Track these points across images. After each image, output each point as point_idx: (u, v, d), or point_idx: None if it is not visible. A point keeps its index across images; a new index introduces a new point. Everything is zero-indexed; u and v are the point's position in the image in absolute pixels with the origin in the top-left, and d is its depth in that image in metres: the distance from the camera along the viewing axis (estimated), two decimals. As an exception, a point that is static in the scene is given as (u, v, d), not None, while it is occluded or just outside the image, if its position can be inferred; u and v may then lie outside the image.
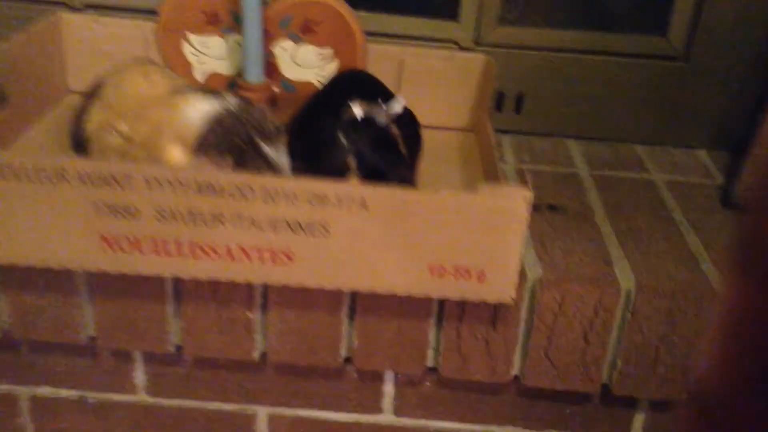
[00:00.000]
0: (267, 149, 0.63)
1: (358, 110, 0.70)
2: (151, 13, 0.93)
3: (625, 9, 0.99)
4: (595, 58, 0.96)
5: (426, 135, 0.81)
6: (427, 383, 0.76)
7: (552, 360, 0.70)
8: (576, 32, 0.97)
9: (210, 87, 0.83)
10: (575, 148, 0.96)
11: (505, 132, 0.96)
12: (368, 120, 0.70)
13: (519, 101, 0.98)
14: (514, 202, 0.59)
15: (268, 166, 0.64)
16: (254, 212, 0.59)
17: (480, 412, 0.77)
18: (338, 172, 0.67)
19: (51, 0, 0.97)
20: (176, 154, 0.62)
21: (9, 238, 0.61)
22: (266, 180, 0.59)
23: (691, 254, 0.73)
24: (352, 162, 0.68)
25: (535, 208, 0.69)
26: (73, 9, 0.96)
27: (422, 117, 0.81)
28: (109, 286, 0.69)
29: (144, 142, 0.64)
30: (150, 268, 0.62)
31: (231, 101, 0.65)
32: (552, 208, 0.79)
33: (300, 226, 0.60)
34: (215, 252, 0.61)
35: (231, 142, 0.63)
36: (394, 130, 0.72)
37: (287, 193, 0.59)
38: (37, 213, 0.60)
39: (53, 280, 0.68)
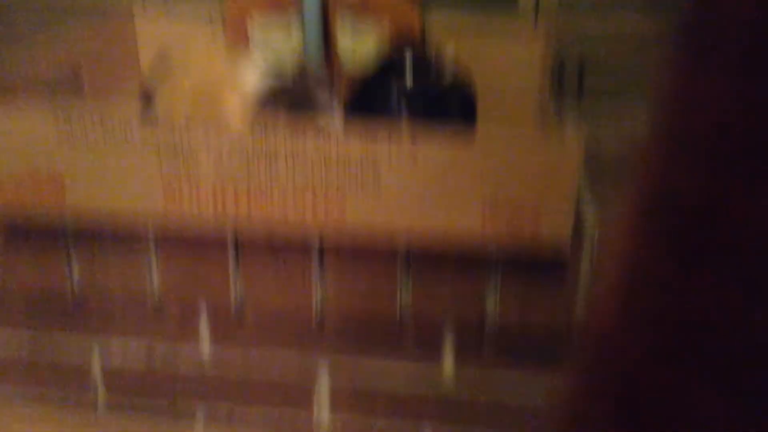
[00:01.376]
0: (321, 95, 0.65)
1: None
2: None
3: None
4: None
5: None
6: (486, 330, 0.75)
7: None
8: None
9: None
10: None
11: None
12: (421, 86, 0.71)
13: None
14: (570, 142, 0.58)
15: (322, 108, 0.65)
16: (307, 151, 0.61)
17: (538, 359, 0.76)
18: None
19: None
20: (235, 108, 0.64)
21: (78, 187, 0.64)
22: (320, 123, 0.60)
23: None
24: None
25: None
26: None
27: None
28: (174, 242, 0.71)
29: (207, 95, 0.67)
30: (209, 219, 0.64)
31: (289, 68, 0.68)
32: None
33: (351, 167, 0.61)
34: (270, 199, 0.63)
35: (283, 102, 0.65)
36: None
37: (339, 136, 0.60)
38: (104, 163, 0.63)
39: (120, 238, 0.71)
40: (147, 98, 0.74)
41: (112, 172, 0.63)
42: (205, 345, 0.80)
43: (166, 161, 0.62)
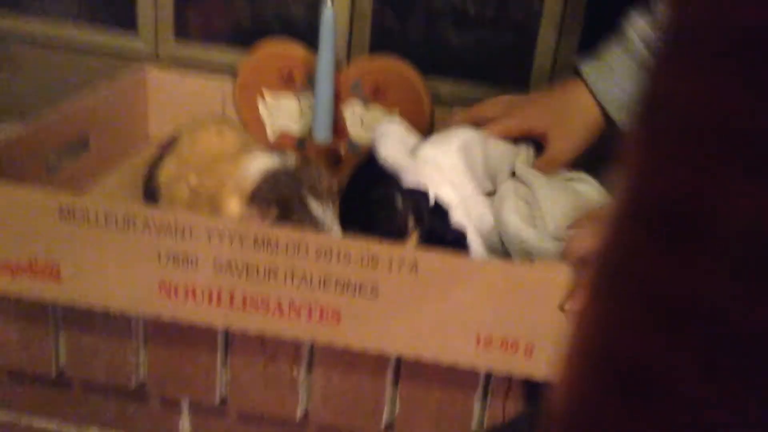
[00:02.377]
0: (314, 206, 0.65)
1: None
2: (229, 67, 0.98)
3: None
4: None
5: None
6: (471, 458, 0.74)
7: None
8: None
9: (278, 146, 0.85)
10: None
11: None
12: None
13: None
14: (565, 276, 0.58)
15: (312, 221, 0.65)
16: (307, 269, 0.60)
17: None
18: (397, 234, 0.67)
19: (140, 53, 1.03)
20: (234, 207, 0.64)
21: (74, 277, 0.63)
22: (321, 238, 0.60)
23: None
24: (411, 223, 0.69)
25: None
26: (160, 61, 1.02)
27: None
28: (163, 333, 0.70)
29: (209, 196, 0.66)
30: (203, 317, 0.63)
31: (291, 159, 0.67)
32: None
33: (350, 285, 0.60)
34: (266, 306, 0.62)
35: (280, 195, 0.65)
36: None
37: (340, 252, 0.59)
38: (103, 256, 0.62)
39: (110, 323, 0.70)
40: (152, 195, 0.74)
41: (109, 266, 0.63)
42: (185, 440, 0.78)
43: (164, 262, 0.62)
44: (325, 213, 0.65)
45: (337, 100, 0.93)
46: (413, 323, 0.61)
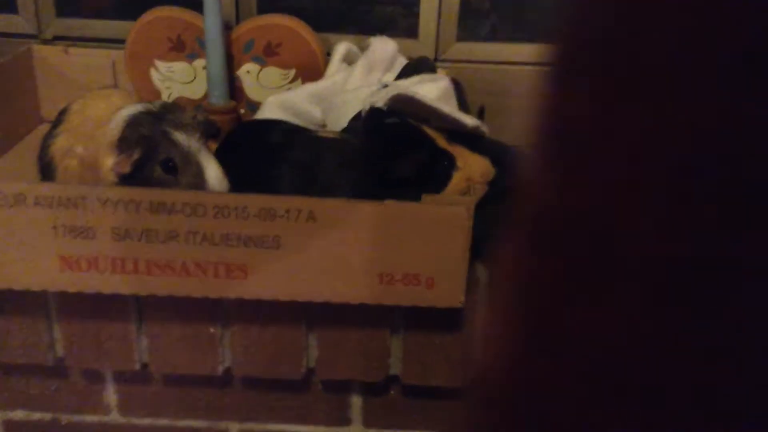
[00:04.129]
0: (179, 137, 0.66)
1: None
2: (119, 42, 0.96)
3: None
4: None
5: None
6: (392, 392, 0.78)
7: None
8: (534, 45, 0.99)
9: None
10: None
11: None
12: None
13: (480, 114, 1.00)
14: (457, 210, 0.61)
15: (180, 152, 0.66)
16: (207, 228, 0.61)
17: (445, 419, 0.79)
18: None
19: (23, 33, 1.00)
20: (108, 163, 0.64)
21: (-29, 261, 0.63)
22: (217, 197, 0.61)
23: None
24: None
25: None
26: (44, 41, 0.99)
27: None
28: (74, 306, 0.70)
29: (93, 162, 0.66)
30: (109, 287, 0.64)
31: (155, 104, 0.69)
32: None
33: (252, 240, 0.62)
34: (171, 268, 0.63)
35: (141, 135, 0.66)
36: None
37: (238, 208, 0.61)
38: (-3, 236, 0.62)
39: (19, 302, 0.70)
40: (47, 170, 0.73)
41: (6, 246, 0.62)
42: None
43: (61, 236, 0.62)
44: (191, 142, 0.66)
45: (232, 61, 0.93)
46: (318, 269, 0.63)
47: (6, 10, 0.99)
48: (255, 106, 0.93)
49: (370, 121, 0.69)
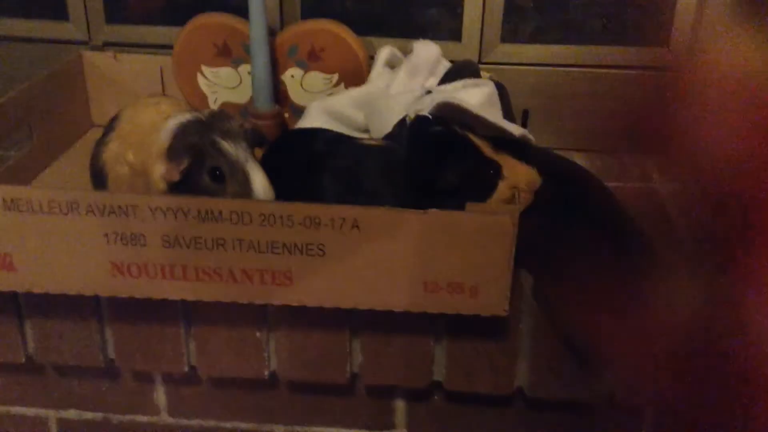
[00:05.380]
0: (226, 146, 0.67)
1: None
2: (166, 47, 0.98)
3: (628, 22, 0.99)
4: (598, 71, 0.97)
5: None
6: (436, 397, 0.78)
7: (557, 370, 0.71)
8: (579, 47, 0.98)
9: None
10: (581, 161, 0.96)
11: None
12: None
13: (524, 116, 0.99)
14: (502, 219, 0.60)
15: (227, 161, 0.67)
16: (253, 236, 0.62)
17: (489, 426, 0.78)
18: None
19: (74, 40, 1.02)
20: (158, 171, 0.66)
21: (27, 266, 0.65)
22: (263, 205, 0.62)
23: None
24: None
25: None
26: (94, 48, 1.01)
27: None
28: (125, 310, 0.72)
29: (143, 169, 0.68)
30: (158, 293, 0.65)
31: (204, 113, 0.70)
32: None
33: (297, 248, 0.63)
34: (218, 275, 0.64)
35: (190, 144, 0.67)
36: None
37: (283, 217, 0.61)
38: (51, 243, 0.63)
39: (73, 306, 0.72)
40: (99, 177, 0.75)
41: (60, 252, 0.64)
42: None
43: (112, 243, 0.63)
44: (238, 151, 0.67)
45: (276, 66, 0.94)
46: (362, 277, 0.64)
47: (58, 18, 1.02)
48: (299, 110, 0.94)
49: (414, 130, 0.69)
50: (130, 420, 0.83)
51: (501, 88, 0.81)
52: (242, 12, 0.89)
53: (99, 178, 0.76)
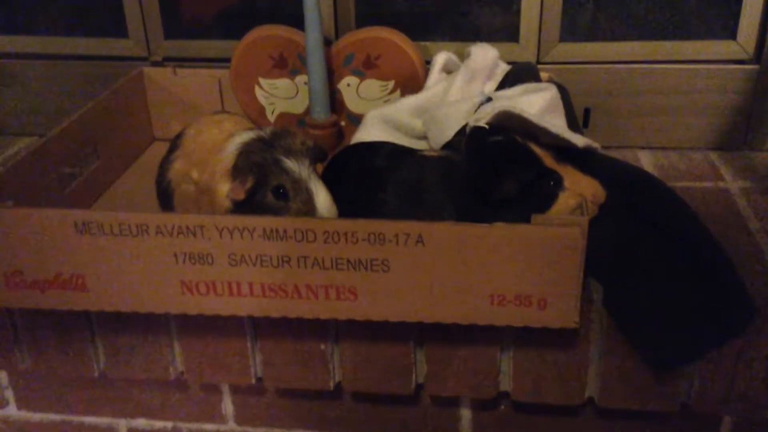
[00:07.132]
0: (289, 164, 0.67)
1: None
2: (224, 61, 0.99)
3: (692, 15, 0.96)
4: (662, 66, 0.94)
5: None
6: (503, 407, 0.77)
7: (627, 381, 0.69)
8: (641, 43, 0.95)
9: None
10: (646, 159, 0.94)
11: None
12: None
13: (586, 115, 0.97)
14: (571, 231, 0.59)
15: (290, 178, 0.67)
16: (317, 253, 0.62)
17: (557, 435, 0.77)
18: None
19: (134, 57, 1.04)
20: (223, 190, 0.66)
21: (99, 287, 0.67)
22: (326, 223, 0.62)
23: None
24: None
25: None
26: (154, 63, 1.03)
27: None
28: (193, 325, 0.73)
29: (206, 187, 0.69)
30: (226, 309, 0.66)
31: (266, 131, 0.71)
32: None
33: (361, 263, 0.63)
34: (284, 291, 0.65)
35: (254, 163, 0.67)
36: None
37: (347, 234, 0.61)
38: (122, 264, 0.65)
39: (143, 322, 0.74)
40: (165, 194, 0.76)
41: (130, 272, 0.66)
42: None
43: (181, 262, 0.64)
44: (301, 168, 0.67)
45: (332, 75, 0.94)
46: (427, 291, 0.63)
47: (117, 35, 1.04)
48: (356, 119, 0.94)
49: (473, 140, 0.69)
50: (198, 429, 0.84)
51: (562, 90, 0.79)
52: (298, 23, 0.90)
53: (165, 196, 0.77)
